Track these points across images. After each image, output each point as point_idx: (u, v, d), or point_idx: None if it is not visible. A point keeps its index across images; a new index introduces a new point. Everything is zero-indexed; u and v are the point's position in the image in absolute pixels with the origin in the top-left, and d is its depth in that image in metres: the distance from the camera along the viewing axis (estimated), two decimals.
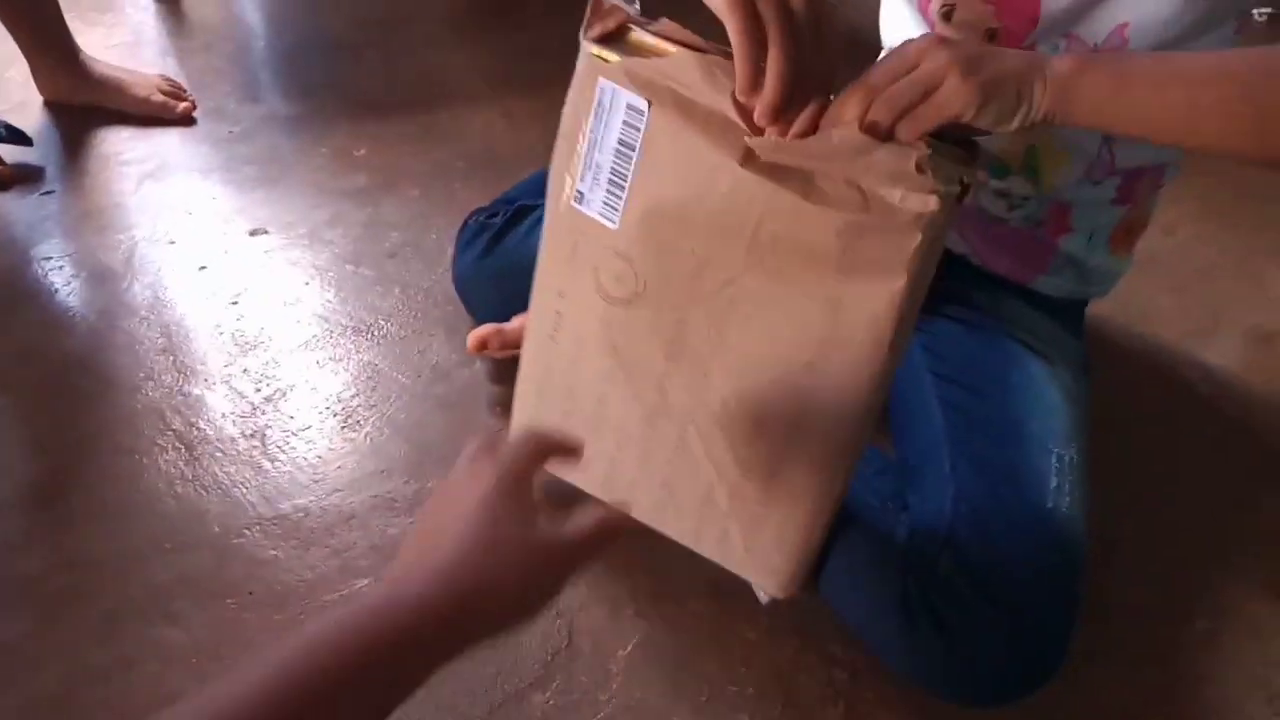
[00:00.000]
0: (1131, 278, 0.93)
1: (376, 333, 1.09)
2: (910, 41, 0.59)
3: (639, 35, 0.62)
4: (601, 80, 0.60)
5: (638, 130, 0.61)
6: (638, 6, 0.63)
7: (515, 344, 1.01)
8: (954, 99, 0.57)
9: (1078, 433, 0.84)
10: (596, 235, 0.66)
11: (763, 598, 0.81)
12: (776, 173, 0.58)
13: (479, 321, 1.05)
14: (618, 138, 0.62)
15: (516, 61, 1.58)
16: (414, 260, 1.19)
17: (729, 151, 0.58)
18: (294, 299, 1.13)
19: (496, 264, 1.04)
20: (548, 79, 1.54)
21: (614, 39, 0.62)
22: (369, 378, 1.04)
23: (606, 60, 0.60)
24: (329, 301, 1.13)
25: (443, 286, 1.14)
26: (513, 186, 1.15)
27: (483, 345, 1.01)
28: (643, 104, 0.60)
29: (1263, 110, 0.59)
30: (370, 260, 1.19)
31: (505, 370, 1.05)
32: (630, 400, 0.72)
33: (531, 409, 0.79)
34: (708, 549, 0.77)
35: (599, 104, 0.61)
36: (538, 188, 1.12)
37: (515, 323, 1.02)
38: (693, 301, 0.65)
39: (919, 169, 0.56)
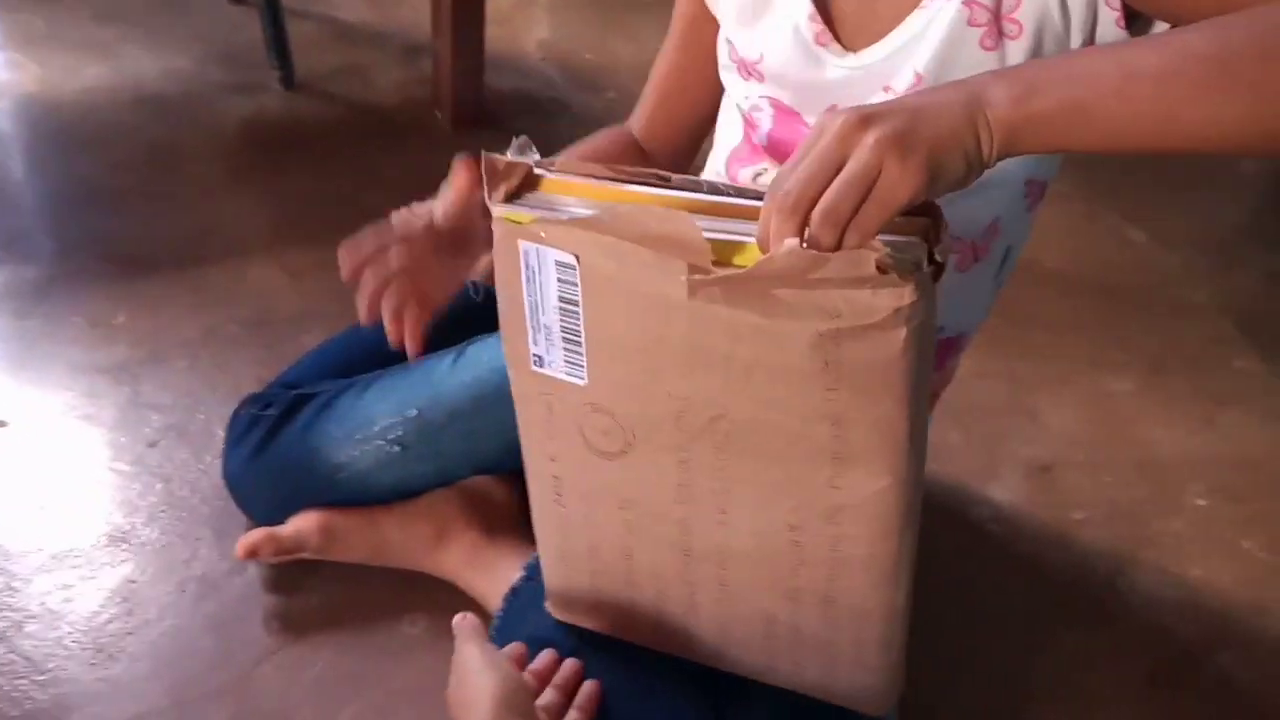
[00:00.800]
0: None
1: (134, 540, 0.98)
2: (823, 128, 0.51)
3: (544, 180, 0.61)
4: (522, 243, 0.58)
5: (574, 284, 0.58)
6: (536, 154, 0.61)
7: (291, 550, 0.93)
8: (900, 188, 0.49)
9: None
10: (568, 394, 0.63)
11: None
12: (731, 296, 0.54)
13: (255, 521, 0.97)
14: (557, 295, 0.59)
15: (299, 208, 1.50)
16: (178, 448, 1.08)
17: (673, 287, 0.55)
18: (37, 507, 1.00)
19: (272, 462, 0.95)
20: (334, 226, 1.44)
21: (520, 193, 0.60)
22: (125, 598, 0.93)
23: (519, 222, 0.58)
24: (79, 507, 1.01)
25: (211, 478, 1.04)
26: (291, 366, 1.07)
27: (254, 553, 0.92)
28: (570, 258, 0.57)
29: (1254, 82, 0.49)
30: (128, 451, 1.07)
31: (284, 578, 0.97)
32: (658, 548, 0.69)
33: (560, 577, 0.77)
34: (784, 682, 0.73)
35: (527, 266, 0.59)
36: (318, 369, 1.06)
37: (291, 526, 0.94)
38: (686, 443, 0.62)
39: (881, 270, 0.50)
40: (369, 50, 1.93)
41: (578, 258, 0.57)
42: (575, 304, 0.59)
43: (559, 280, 0.58)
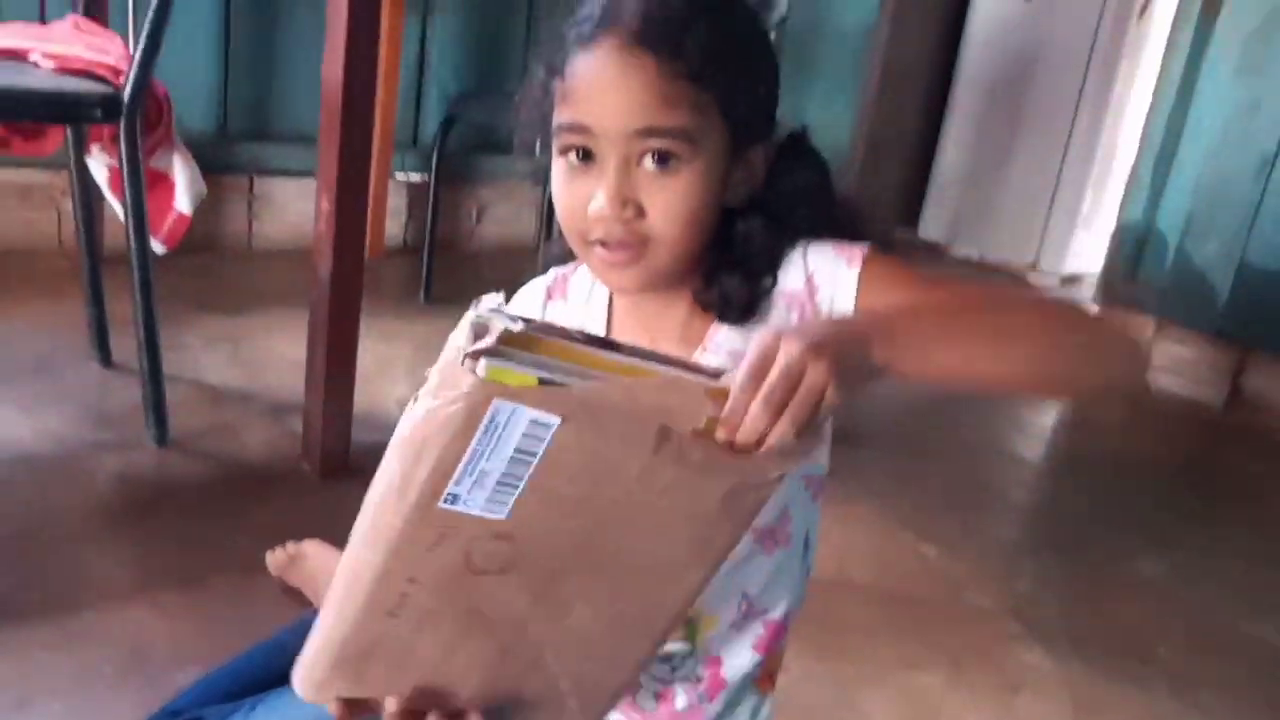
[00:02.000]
0: None
1: None
2: (769, 349, 0.64)
3: (524, 338, 0.60)
4: (497, 401, 0.58)
5: (541, 440, 0.60)
6: (520, 324, 0.60)
7: None
8: (830, 397, 0.63)
9: None
10: (471, 525, 0.63)
11: None
12: (684, 459, 0.62)
13: None
14: (514, 448, 0.60)
15: (169, 552, 1.57)
16: None
17: (640, 451, 0.61)
18: None
19: None
20: (204, 568, 1.57)
21: (500, 350, 0.59)
22: None
23: (508, 382, 0.57)
24: None
25: None
26: (176, 695, 1.13)
27: None
28: (554, 419, 0.59)
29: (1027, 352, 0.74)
30: None
31: None
32: (483, 645, 0.73)
33: (351, 674, 0.73)
34: None
35: (491, 420, 0.58)
36: (204, 694, 1.13)
37: None
38: (569, 564, 0.68)
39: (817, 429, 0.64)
40: (238, 410, 2.09)
41: (563, 419, 0.59)
42: (533, 455, 0.60)
43: (525, 435, 0.59)
